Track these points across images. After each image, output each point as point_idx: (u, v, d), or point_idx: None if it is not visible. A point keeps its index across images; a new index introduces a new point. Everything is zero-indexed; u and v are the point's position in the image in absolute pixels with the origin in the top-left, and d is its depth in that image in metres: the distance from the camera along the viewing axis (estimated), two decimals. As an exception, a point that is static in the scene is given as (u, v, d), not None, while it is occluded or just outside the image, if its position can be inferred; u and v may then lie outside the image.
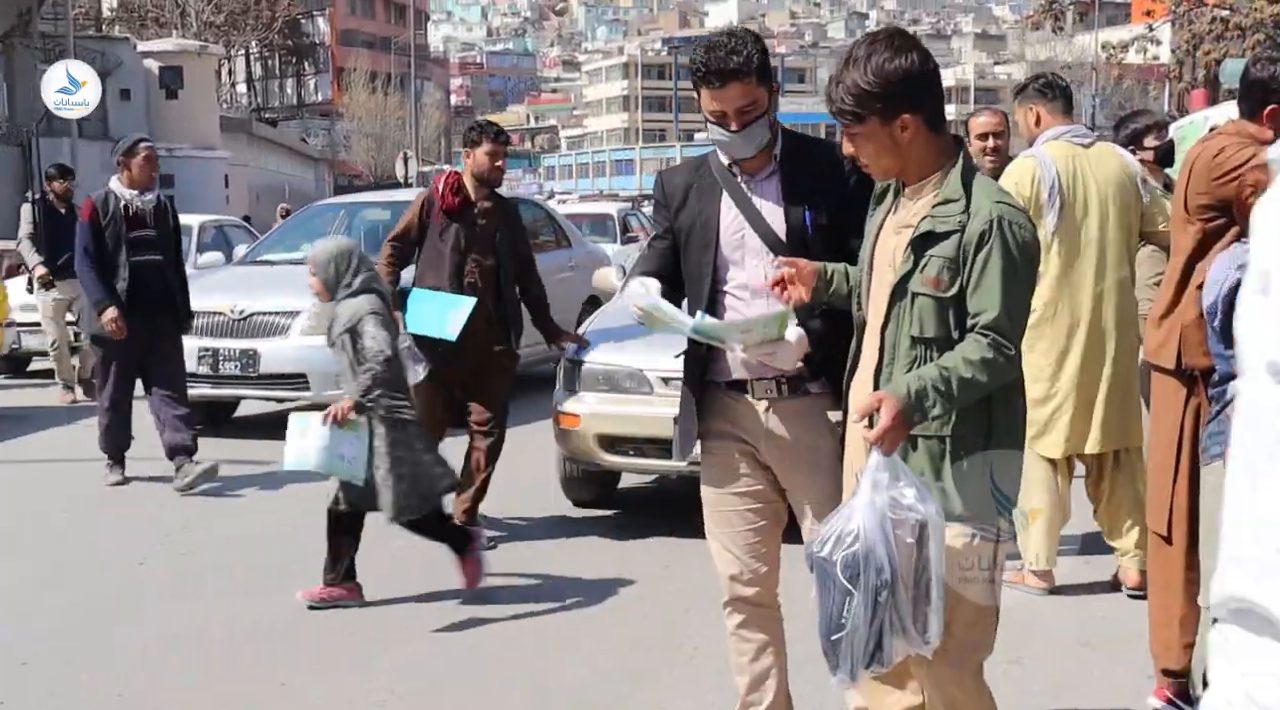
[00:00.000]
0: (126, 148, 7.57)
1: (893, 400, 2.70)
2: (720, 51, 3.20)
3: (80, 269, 7.45)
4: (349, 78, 57.46)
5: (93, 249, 7.37)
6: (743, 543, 3.47)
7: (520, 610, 5.27)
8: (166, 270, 7.55)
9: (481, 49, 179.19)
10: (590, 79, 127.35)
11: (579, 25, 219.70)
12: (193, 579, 5.84)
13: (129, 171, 7.52)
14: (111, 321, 7.24)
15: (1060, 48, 47.56)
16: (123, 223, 7.41)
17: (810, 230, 3.30)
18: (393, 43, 65.18)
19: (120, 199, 7.46)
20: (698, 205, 3.42)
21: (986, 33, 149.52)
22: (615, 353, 6.29)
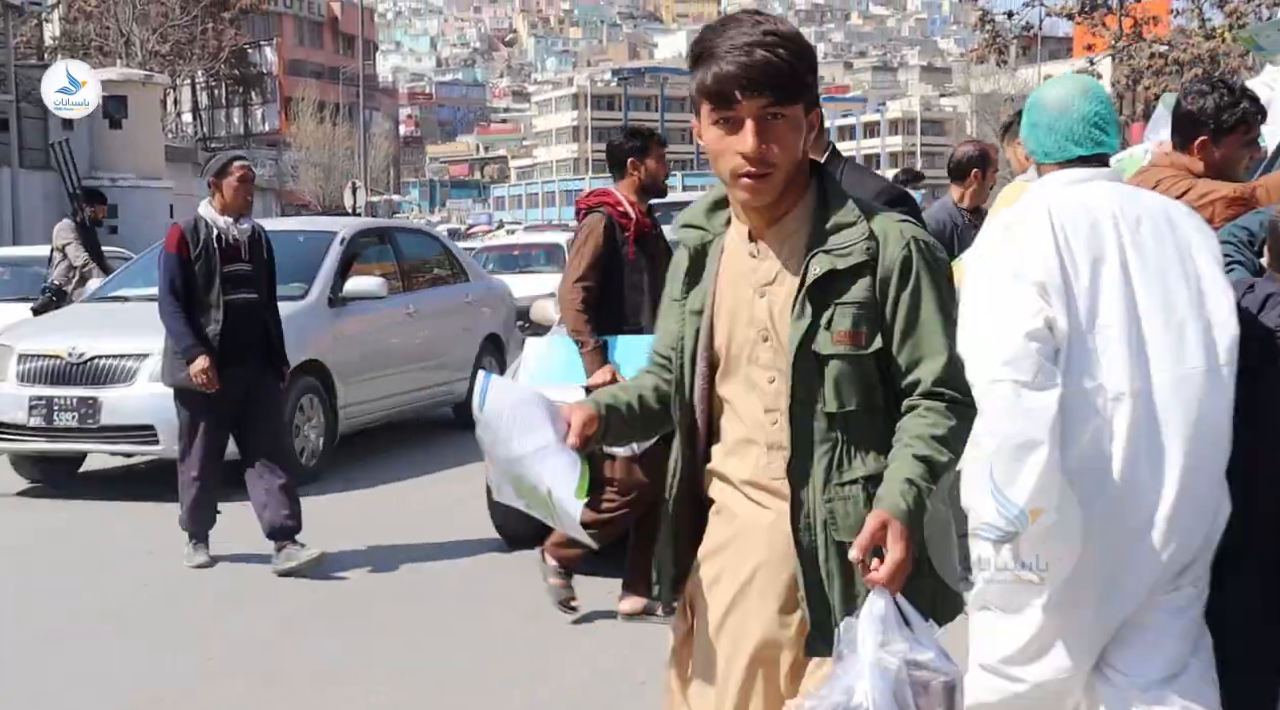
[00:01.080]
0: (218, 167, 6.30)
1: (899, 525, 2.06)
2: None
3: (165, 309, 6.19)
4: (296, 107, 57.25)
5: (180, 286, 6.15)
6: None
7: (520, 611, 5.38)
8: (264, 310, 6.39)
9: (431, 79, 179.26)
10: (540, 109, 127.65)
11: (528, 56, 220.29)
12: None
13: (221, 195, 6.25)
14: (202, 372, 6.02)
15: (1004, 80, 48.25)
16: (216, 255, 6.19)
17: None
18: (341, 73, 64.99)
19: (213, 227, 6.23)
20: None
21: (932, 65, 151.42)
22: (543, 384, 6.09)
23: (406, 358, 9.65)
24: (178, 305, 6.15)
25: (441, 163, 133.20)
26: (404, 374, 9.60)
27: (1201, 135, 3.68)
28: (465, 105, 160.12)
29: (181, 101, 53.29)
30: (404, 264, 10.09)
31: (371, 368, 9.13)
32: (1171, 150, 3.82)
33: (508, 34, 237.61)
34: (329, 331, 8.74)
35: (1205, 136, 3.68)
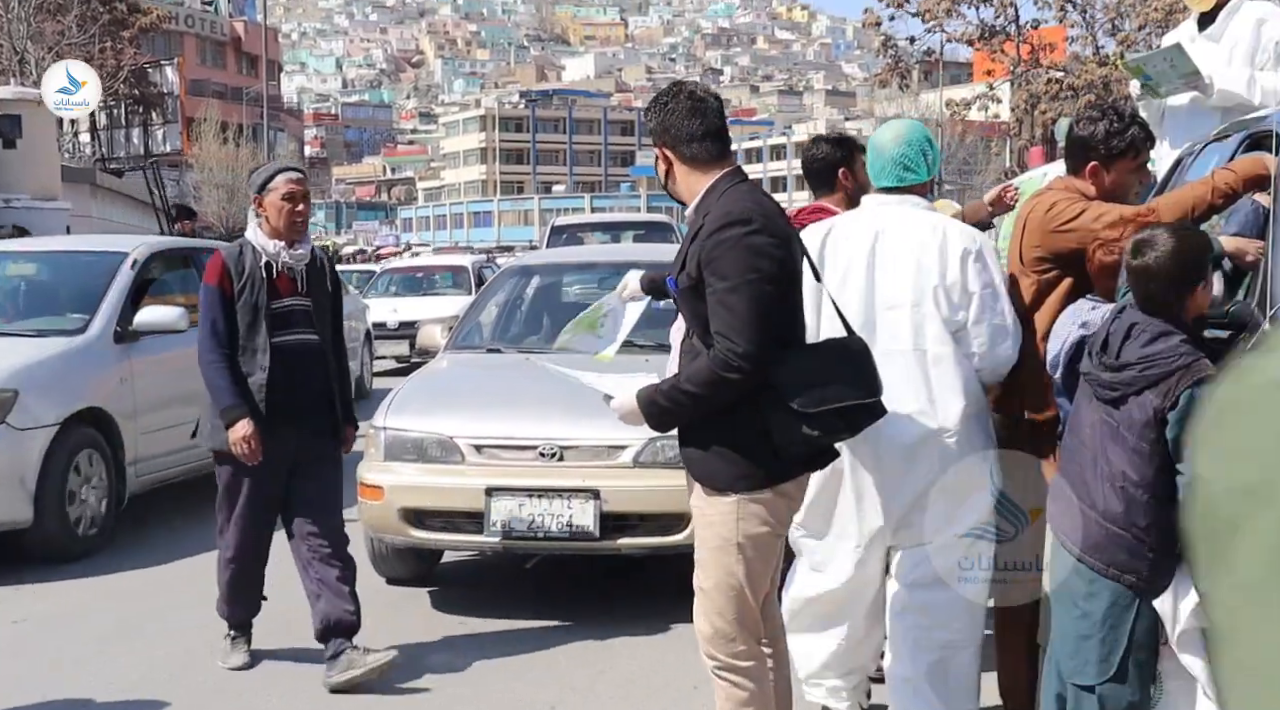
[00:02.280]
0: (261, 181, 5.03)
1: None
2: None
3: (204, 357, 4.92)
4: (199, 128, 56.36)
5: (222, 326, 4.90)
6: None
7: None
8: (324, 354, 5.05)
9: (336, 100, 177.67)
10: (447, 131, 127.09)
11: (436, 78, 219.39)
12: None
13: (266, 216, 5.02)
14: (244, 441, 4.80)
15: (907, 104, 49.01)
16: (263, 288, 4.92)
17: (674, 291, 3.42)
18: (245, 93, 64.16)
19: (260, 255, 4.97)
20: None
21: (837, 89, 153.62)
22: (423, 418, 5.74)
23: None
24: (221, 353, 4.88)
25: (348, 184, 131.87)
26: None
27: (1092, 160, 3.77)
28: (372, 127, 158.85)
29: (79, 121, 52.17)
30: None
31: (170, 414, 7.56)
32: (1066, 174, 3.92)
33: (414, 55, 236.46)
34: (114, 372, 7.25)
35: (1096, 162, 3.76)
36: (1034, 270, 3.84)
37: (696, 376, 3.19)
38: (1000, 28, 34.46)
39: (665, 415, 3.29)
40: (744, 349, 3.11)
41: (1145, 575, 3.12)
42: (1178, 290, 3.15)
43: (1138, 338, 3.13)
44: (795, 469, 3.30)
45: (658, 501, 5.33)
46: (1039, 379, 3.82)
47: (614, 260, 8.11)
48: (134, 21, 45.68)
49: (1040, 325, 3.83)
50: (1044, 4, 33.43)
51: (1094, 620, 3.17)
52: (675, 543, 5.33)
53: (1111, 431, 3.14)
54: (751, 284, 3.13)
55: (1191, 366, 3.06)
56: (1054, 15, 33.36)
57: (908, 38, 35.51)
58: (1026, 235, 3.85)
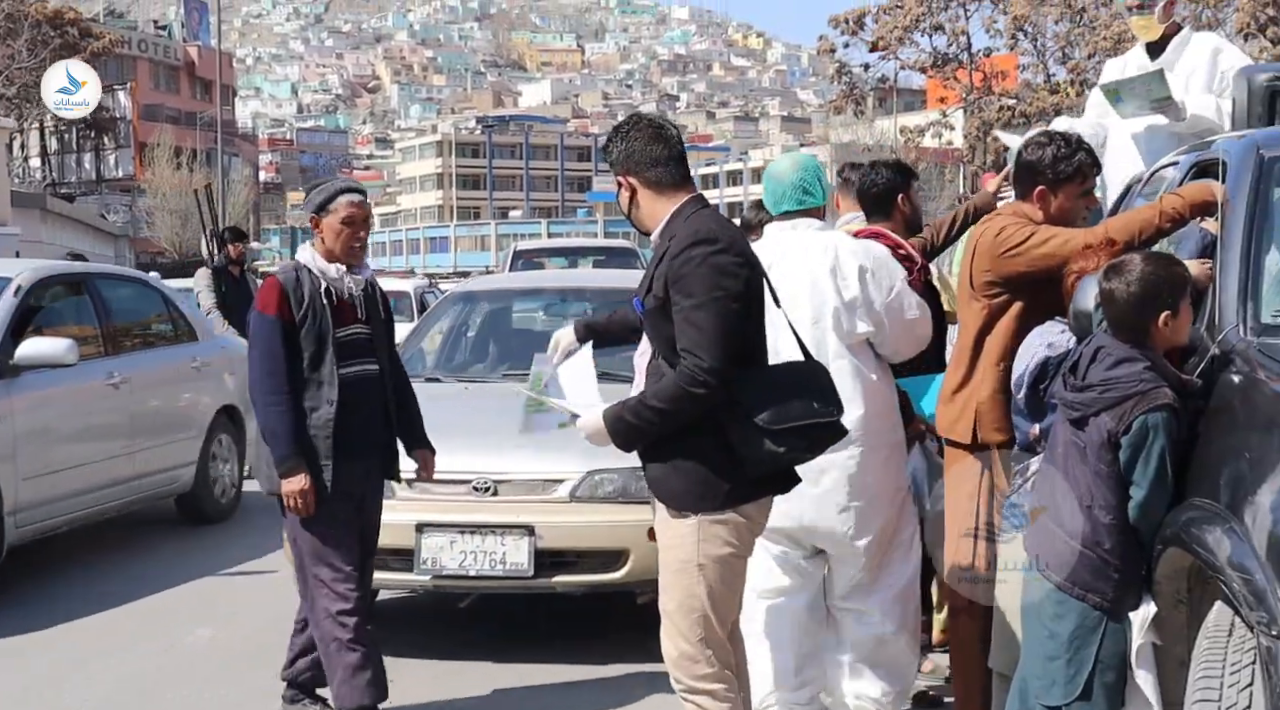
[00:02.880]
0: (320, 200, 4.55)
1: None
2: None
3: (261, 394, 4.40)
4: (152, 153, 55.93)
5: (283, 361, 4.38)
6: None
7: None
8: (385, 384, 4.64)
9: (292, 125, 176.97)
10: (404, 156, 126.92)
11: (392, 103, 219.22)
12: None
13: (323, 237, 4.54)
14: (299, 495, 4.34)
15: (862, 131, 49.43)
16: (325, 315, 4.45)
17: (640, 312, 3.44)
18: (198, 118, 63.78)
19: (319, 279, 4.49)
20: None
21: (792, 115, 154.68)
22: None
23: (108, 441, 7.36)
24: (282, 392, 4.35)
25: (303, 210, 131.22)
26: (105, 463, 7.29)
27: (1040, 185, 3.82)
28: (328, 152, 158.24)
29: (29, 146, 51.63)
30: (110, 322, 7.70)
31: (55, 457, 6.84)
32: (1015, 200, 3.98)
33: (370, 81, 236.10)
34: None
35: (1043, 186, 3.81)
36: (984, 294, 3.87)
37: (663, 392, 3.23)
38: (953, 55, 34.90)
39: (632, 433, 3.30)
40: (709, 364, 3.15)
41: (1111, 596, 3.14)
42: (1140, 315, 3.19)
43: (1102, 361, 3.18)
44: (756, 491, 3.33)
45: (596, 538, 5.17)
46: (995, 405, 3.84)
47: (560, 286, 8.05)
48: (86, 46, 45.33)
49: (994, 350, 3.85)
50: (996, 32, 33.95)
51: (1061, 640, 3.18)
52: (614, 580, 5.20)
53: (1078, 452, 3.18)
54: (718, 301, 3.19)
55: (1148, 394, 3.08)
56: (1005, 43, 33.86)
57: (862, 65, 35.87)
58: (976, 259, 3.89)
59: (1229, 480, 2.93)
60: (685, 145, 3.51)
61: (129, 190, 57.16)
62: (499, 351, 6.93)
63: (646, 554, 4.94)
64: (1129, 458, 3.08)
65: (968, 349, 3.94)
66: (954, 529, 4.02)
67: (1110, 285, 3.24)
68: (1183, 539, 2.96)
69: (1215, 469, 3.00)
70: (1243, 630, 2.68)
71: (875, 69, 35.87)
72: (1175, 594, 3.18)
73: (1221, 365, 3.23)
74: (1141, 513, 3.09)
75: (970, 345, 3.93)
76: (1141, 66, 5.67)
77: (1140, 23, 5.65)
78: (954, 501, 4.03)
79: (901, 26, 34.49)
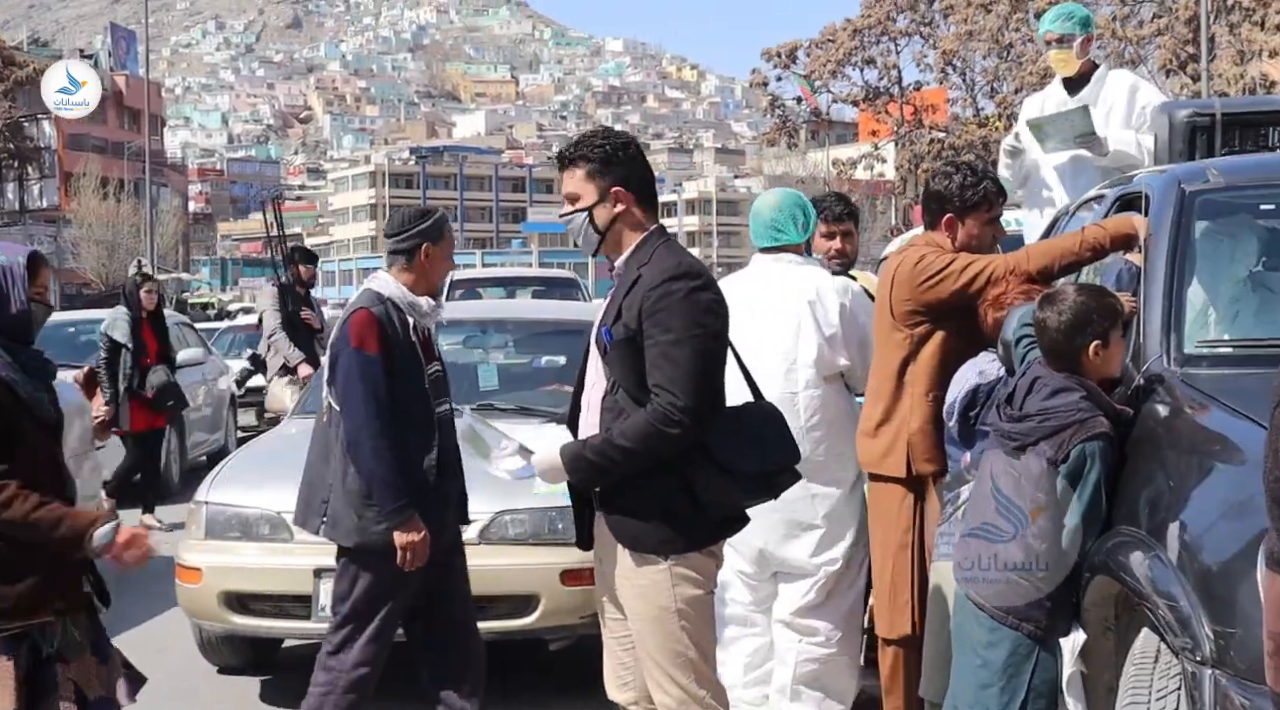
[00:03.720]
0: (432, 227, 4.08)
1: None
2: (584, 139, 3.36)
3: (369, 440, 3.89)
4: (78, 183, 55.14)
5: (386, 404, 3.92)
6: (609, 649, 3.46)
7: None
8: (455, 429, 4.27)
9: (222, 156, 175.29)
10: (336, 187, 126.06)
11: (324, 133, 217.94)
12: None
13: (425, 267, 4.06)
14: (415, 546, 3.90)
15: (795, 163, 49.90)
16: (417, 353, 4.04)
17: (607, 344, 3.24)
18: (126, 148, 62.95)
19: (408, 314, 4.04)
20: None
21: (726, 147, 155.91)
22: (250, 491, 5.24)
23: None
24: (390, 437, 3.91)
25: (234, 240, 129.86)
26: None
27: (948, 212, 3.88)
28: (259, 182, 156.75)
29: (-49, 175, 50.68)
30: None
31: None
32: (925, 231, 4.04)
33: (302, 111, 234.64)
34: None
35: (951, 214, 3.88)
36: (905, 324, 3.89)
37: (631, 431, 3.10)
38: (884, 89, 35.37)
39: (592, 472, 3.18)
40: (685, 403, 3.06)
41: (1044, 623, 3.17)
42: (1071, 342, 3.24)
43: (1039, 391, 3.22)
44: (721, 531, 3.28)
45: (505, 582, 4.92)
46: (927, 435, 3.85)
47: (484, 317, 7.74)
48: (9, 74, 44.69)
49: (920, 380, 3.86)
50: (926, 67, 34.50)
51: (994, 669, 3.20)
52: (524, 627, 4.96)
53: (1014, 482, 3.20)
54: (697, 339, 3.11)
55: (1085, 423, 3.13)
56: (935, 78, 34.37)
57: (795, 98, 36.23)
58: (896, 289, 3.90)
59: (1154, 508, 2.97)
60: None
61: (54, 220, 56.27)
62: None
63: (558, 599, 4.91)
64: (1065, 486, 3.12)
65: (890, 380, 3.94)
66: (888, 561, 4.01)
67: (1043, 315, 3.30)
68: (1110, 566, 2.99)
69: (1141, 497, 3.04)
70: (1168, 657, 2.72)
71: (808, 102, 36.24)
72: (1103, 621, 3.22)
73: (1146, 395, 3.29)
74: (1074, 540, 3.12)
75: (893, 376, 3.93)
76: (1060, 102, 5.78)
77: (1059, 57, 5.77)
78: (885, 537, 4.02)
79: (834, 60, 34.92)
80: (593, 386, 3.31)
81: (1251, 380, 3.03)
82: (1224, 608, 2.52)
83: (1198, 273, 3.58)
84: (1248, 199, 3.88)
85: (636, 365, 3.14)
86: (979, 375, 3.62)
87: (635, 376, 3.14)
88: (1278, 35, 26.17)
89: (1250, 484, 2.42)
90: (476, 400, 6.02)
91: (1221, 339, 3.48)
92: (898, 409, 3.91)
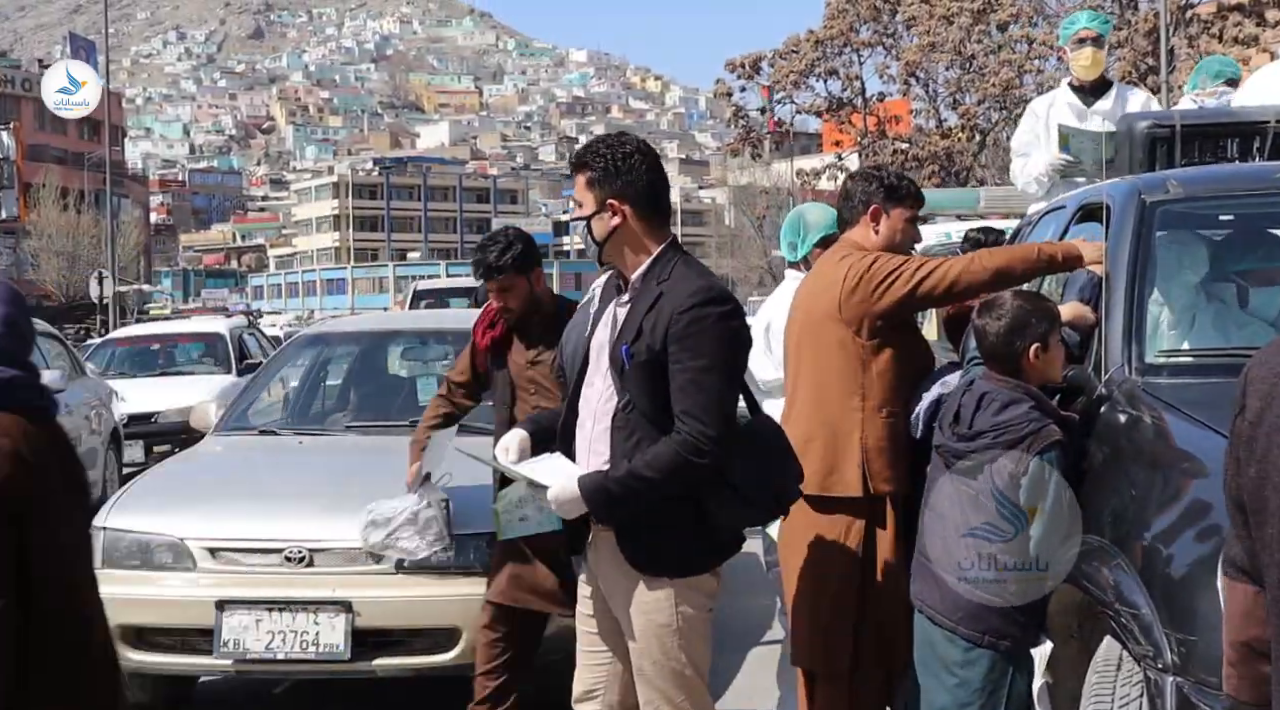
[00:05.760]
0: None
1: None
2: (592, 145, 3.25)
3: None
4: (38, 194, 54.66)
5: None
6: (584, 661, 3.39)
7: None
8: None
9: (184, 166, 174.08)
10: (299, 198, 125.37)
11: (287, 144, 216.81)
12: None
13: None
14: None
15: (759, 173, 50.02)
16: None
17: (626, 363, 3.12)
18: (86, 158, 62.44)
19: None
20: (589, 310, 3.34)
21: (690, 158, 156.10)
22: (152, 516, 4.84)
23: None
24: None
25: (195, 252, 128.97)
26: None
27: (874, 203, 3.78)
28: (221, 193, 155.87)
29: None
30: None
31: None
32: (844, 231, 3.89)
33: (265, 121, 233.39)
34: None
35: (877, 205, 3.78)
36: (858, 332, 3.65)
37: (658, 462, 3.01)
38: (847, 100, 35.52)
39: (615, 504, 3.06)
40: (715, 432, 3.00)
41: (1019, 638, 3.18)
42: (1011, 346, 3.26)
43: (988, 407, 3.21)
44: (728, 549, 3.23)
45: (425, 615, 4.57)
46: (883, 453, 3.64)
47: (418, 328, 7.22)
48: (-32, 84, 44.20)
49: (874, 396, 3.64)
50: (889, 78, 34.63)
51: (973, 687, 3.20)
52: (445, 663, 4.59)
53: (972, 501, 3.20)
54: (729, 367, 3.06)
55: (1040, 433, 3.14)
56: (898, 89, 34.54)
57: (759, 108, 36.34)
58: (846, 299, 3.64)
59: (1116, 516, 2.99)
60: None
61: (12, 232, 55.74)
62: (348, 400, 6.38)
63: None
64: (1030, 498, 3.12)
65: (833, 390, 3.67)
66: (826, 593, 3.69)
67: (982, 321, 3.32)
68: (1073, 574, 3.01)
69: (1103, 505, 3.06)
70: (1131, 664, 2.73)
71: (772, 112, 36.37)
72: (1067, 629, 3.23)
73: (1108, 405, 3.31)
74: (1045, 549, 3.13)
75: (837, 387, 3.67)
76: (1071, 104, 5.76)
77: (1095, 55, 5.73)
78: (821, 564, 3.69)
79: (797, 71, 35.06)
80: (599, 399, 3.19)
81: (1212, 389, 3.06)
82: (1185, 616, 2.53)
83: (1158, 283, 3.61)
84: (1207, 210, 3.93)
85: (657, 387, 3.06)
86: (941, 385, 3.59)
87: (653, 398, 3.06)
88: (1235, 47, 26.47)
89: (1211, 493, 2.44)
90: (412, 416, 5.65)
91: (1182, 348, 3.51)
92: (842, 423, 3.65)
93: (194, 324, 17.71)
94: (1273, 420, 1.70)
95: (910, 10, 32.38)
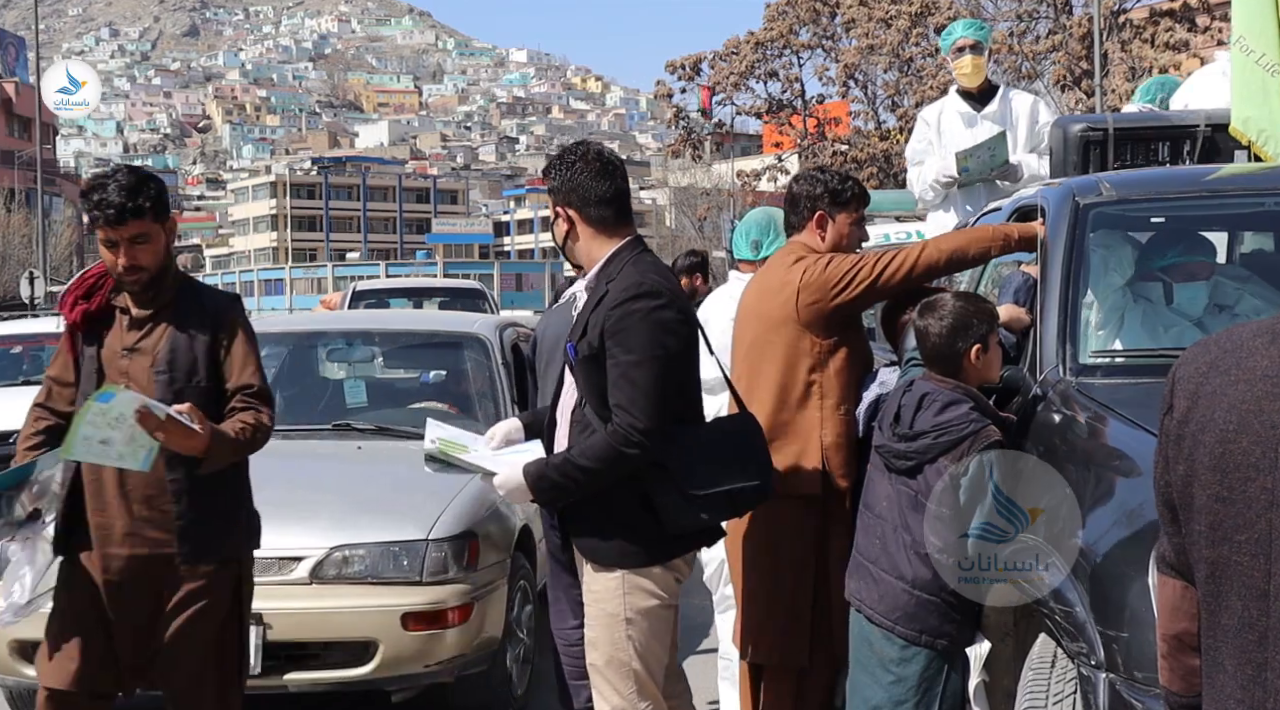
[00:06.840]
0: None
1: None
2: (552, 156, 3.41)
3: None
4: (-33, 192, 53.57)
5: None
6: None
7: None
8: None
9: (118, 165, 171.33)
10: (236, 197, 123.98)
11: (224, 143, 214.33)
12: None
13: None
14: None
15: (700, 175, 50.13)
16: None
17: (573, 360, 3.24)
18: (16, 156, 61.32)
19: None
20: (570, 311, 3.51)
21: (631, 159, 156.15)
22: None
23: None
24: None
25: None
26: None
27: (819, 210, 3.81)
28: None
29: None
30: None
31: None
32: (789, 238, 3.93)
33: (201, 120, 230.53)
34: None
35: (822, 211, 3.80)
36: (814, 332, 3.68)
37: (591, 451, 3.13)
38: (787, 102, 35.71)
39: (555, 491, 3.21)
40: (644, 424, 3.07)
41: (955, 637, 3.21)
42: (952, 347, 3.29)
43: (929, 408, 3.24)
44: (681, 546, 3.26)
45: (340, 626, 4.40)
46: (841, 449, 3.67)
47: (346, 328, 7.01)
48: (-106, 81, 43.25)
49: (832, 393, 3.67)
50: (828, 80, 34.84)
51: (909, 685, 3.23)
52: (360, 677, 4.41)
53: (911, 501, 3.22)
54: (657, 359, 3.11)
55: (979, 433, 3.17)
56: (838, 91, 34.76)
57: (699, 109, 36.42)
58: (803, 298, 3.67)
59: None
60: (626, 181, 3.38)
61: (-59, 231, 54.58)
62: (283, 403, 6.20)
63: (399, 645, 4.39)
64: (968, 498, 3.15)
65: (790, 391, 3.69)
66: (783, 588, 3.70)
67: (924, 322, 3.35)
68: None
69: (1038, 505, 3.10)
70: (1065, 661, 2.77)
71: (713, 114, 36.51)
72: (1002, 627, 3.27)
73: (1043, 405, 3.35)
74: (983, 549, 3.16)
75: (794, 387, 3.68)
76: (961, 112, 5.89)
77: (975, 63, 5.87)
78: (775, 557, 3.70)
79: (737, 73, 35.20)
80: (567, 395, 3.33)
81: (1144, 389, 3.10)
82: (1117, 613, 2.57)
83: (1091, 284, 3.66)
84: (1139, 211, 3.99)
85: (599, 382, 3.15)
86: (879, 385, 3.64)
87: (598, 393, 3.16)
88: (1167, 53, 26.93)
89: (1143, 491, 2.48)
90: (337, 419, 5.65)
91: (1114, 348, 3.56)
92: (800, 422, 3.68)
93: (45, 325, 12.95)
94: (1199, 419, 1.73)
95: (849, 13, 32.63)
